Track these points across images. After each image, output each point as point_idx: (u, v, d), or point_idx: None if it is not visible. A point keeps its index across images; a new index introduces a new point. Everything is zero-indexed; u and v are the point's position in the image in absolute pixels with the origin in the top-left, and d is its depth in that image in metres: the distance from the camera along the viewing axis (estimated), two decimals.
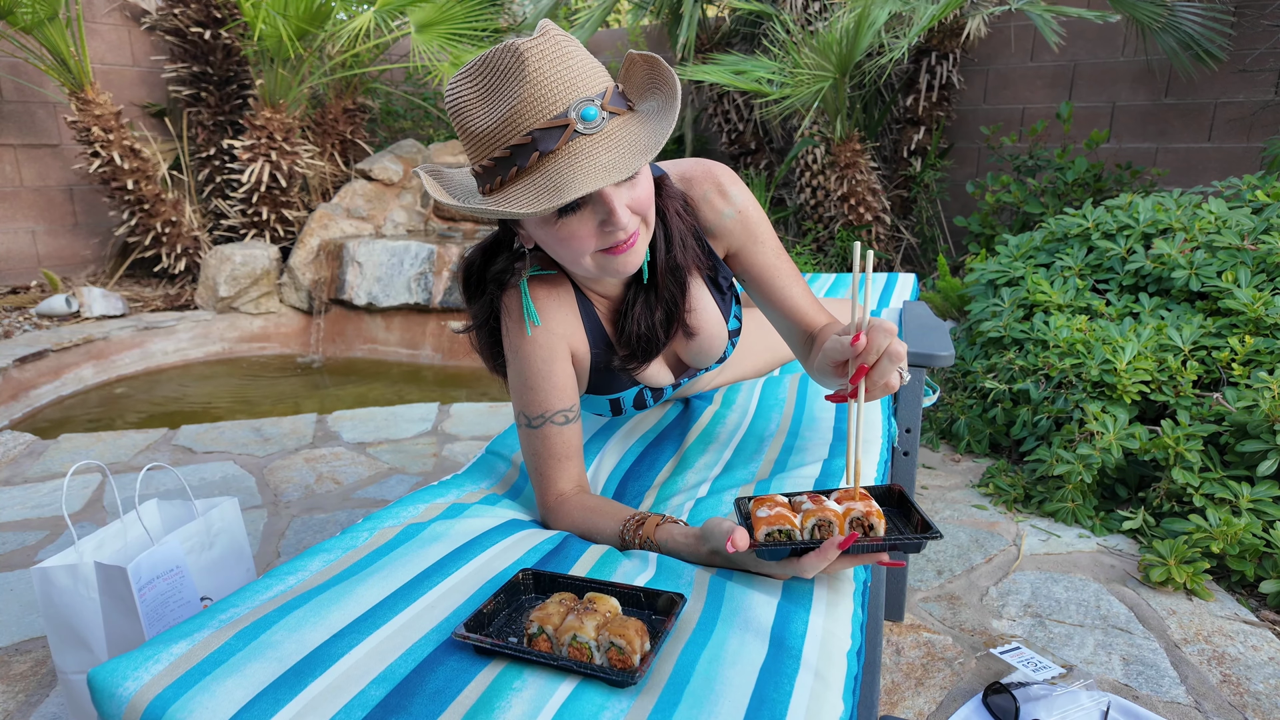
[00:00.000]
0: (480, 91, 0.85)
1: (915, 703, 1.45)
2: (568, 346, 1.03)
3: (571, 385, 1.03)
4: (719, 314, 1.12)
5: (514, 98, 0.82)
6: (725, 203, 1.06)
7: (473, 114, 0.85)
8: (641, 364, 1.08)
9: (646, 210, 0.90)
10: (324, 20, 4.15)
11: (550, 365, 1.01)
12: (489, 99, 0.84)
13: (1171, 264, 2.32)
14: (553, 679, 0.66)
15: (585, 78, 0.84)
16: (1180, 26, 3.71)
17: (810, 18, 4.25)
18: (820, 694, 0.66)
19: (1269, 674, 1.50)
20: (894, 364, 0.80)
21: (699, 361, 1.16)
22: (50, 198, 4.61)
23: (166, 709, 0.62)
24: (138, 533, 1.37)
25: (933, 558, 1.92)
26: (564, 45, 0.83)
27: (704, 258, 1.07)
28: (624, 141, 0.84)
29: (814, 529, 0.77)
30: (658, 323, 1.04)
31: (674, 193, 1.02)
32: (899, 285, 2.06)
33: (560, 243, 0.89)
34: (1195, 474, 1.89)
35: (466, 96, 0.86)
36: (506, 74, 0.83)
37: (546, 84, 0.82)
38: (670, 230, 1.00)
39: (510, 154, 0.84)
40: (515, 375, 1.02)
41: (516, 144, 0.83)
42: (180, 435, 2.74)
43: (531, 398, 1.01)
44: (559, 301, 1.02)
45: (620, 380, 1.11)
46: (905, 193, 4.57)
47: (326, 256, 4.26)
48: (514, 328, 1.01)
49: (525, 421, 1.02)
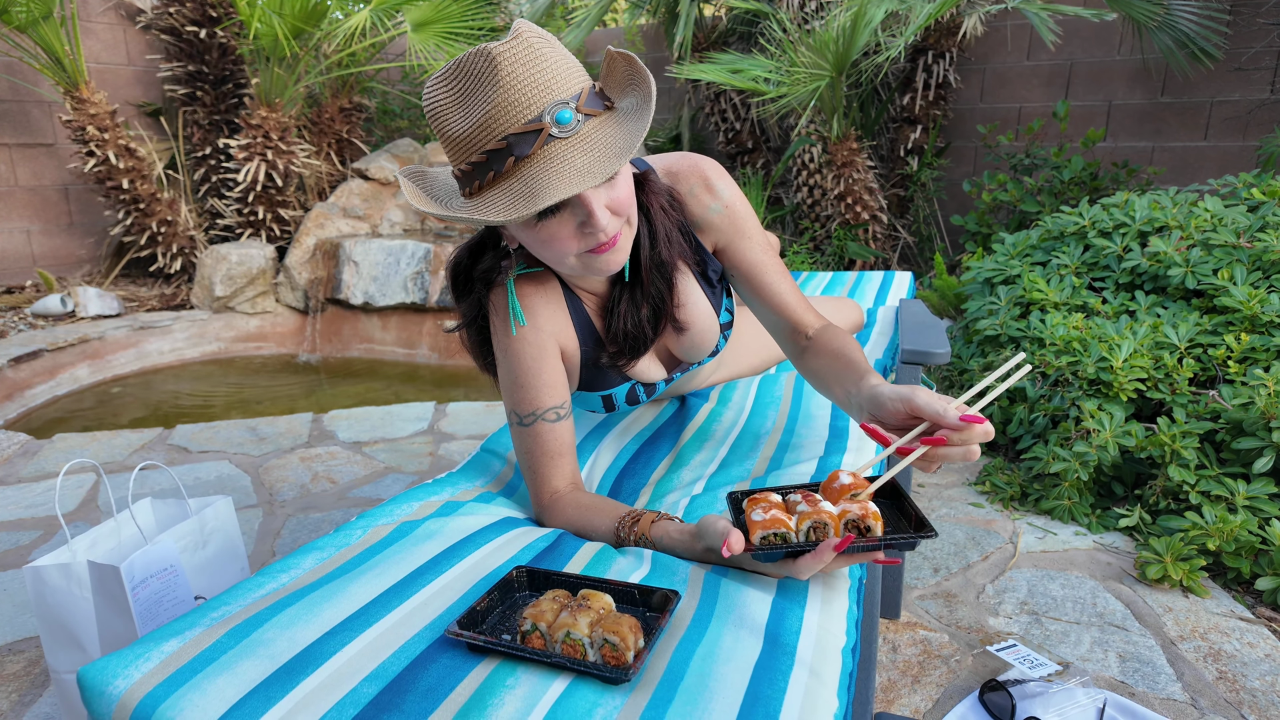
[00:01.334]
0: (455, 96, 0.84)
1: (912, 700, 1.44)
2: (557, 343, 1.03)
3: (562, 382, 1.02)
4: (709, 308, 1.12)
5: (488, 103, 0.81)
6: (712, 197, 1.06)
7: (449, 118, 0.85)
8: (630, 360, 1.07)
9: (627, 209, 0.89)
10: (320, 19, 4.14)
11: (540, 362, 1.00)
12: (464, 104, 0.84)
13: (1168, 262, 2.32)
14: (546, 676, 0.66)
15: (559, 80, 0.82)
16: (1176, 25, 3.71)
17: (807, 16, 4.25)
18: (815, 691, 0.66)
19: (1265, 670, 1.51)
20: (958, 458, 0.80)
21: (691, 356, 1.15)
22: (45, 197, 4.59)
23: (157, 707, 0.62)
24: (131, 532, 1.36)
25: (929, 555, 1.92)
26: (538, 47, 0.82)
27: (691, 252, 1.07)
28: (600, 144, 0.83)
29: (809, 531, 0.76)
30: (644, 319, 1.04)
31: (658, 188, 1.02)
32: (896, 283, 2.06)
33: (542, 245, 0.89)
34: (1191, 471, 1.89)
35: (442, 101, 0.85)
36: (479, 79, 0.82)
37: (519, 88, 0.81)
38: (654, 226, 1.00)
39: (486, 159, 0.83)
40: (505, 373, 1.02)
41: (492, 149, 0.82)
42: (175, 435, 2.73)
43: (522, 395, 1.01)
44: (547, 299, 1.02)
45: (611, 376, 1.11)
46: (902, 191, 4.57)
47: (323, 256, 4.25)
48: (502, 326, 1.01)
49: (516, 419, 1.02)
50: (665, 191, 1.03)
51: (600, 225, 0.85)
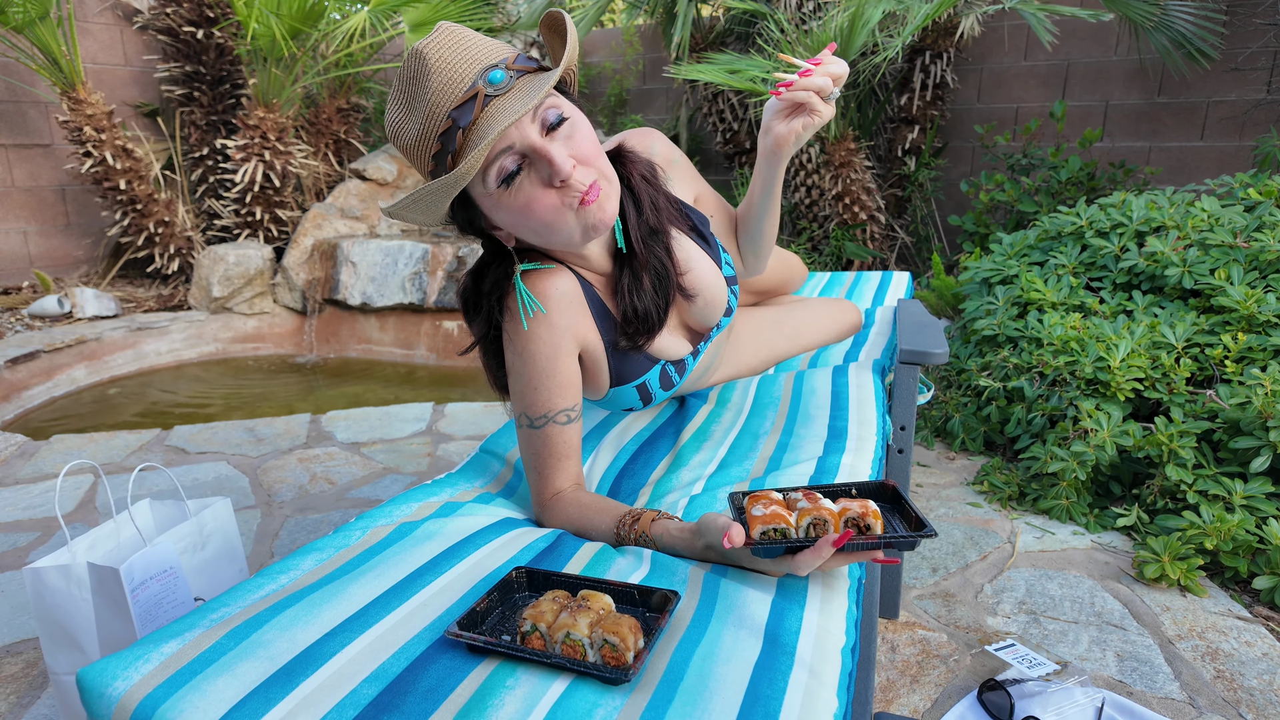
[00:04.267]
0: (404, 106, 0.88)
1: (910, 700, 1.45)
2: (574, 339, 1.02)
3: (576, 383, 1.02)
4: (712, 266, 1.14)
5: (428, 92, 0.85)
6: (670, 149, 1.16)
7: (403, 128, 0.89)
8: (648, 337, 1.07)
9: (595, 161, 0.91)
10: (317, 19, 4.14)
11: (554, 362, 1.00)
12: (410, 107, 0.88)
13: (1165, 262, 2.32)
14: (546, 677, 0.66)
15: (486, 51, 0.87)
16: (1173, 25, 3.72)
17: (804, 17, 4.25)
18: (814, 690, 0.66)
19: (1262, 669, 1.51)
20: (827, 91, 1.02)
21: (707, 320, 1.16)
22: (42, 198, 4.58)
23: (157, 708, 0.62)
24: (130, 533, 1.36)
25: (927, 555, 1.92)
26: (460, 32, 0.87)
27: (681, 214, 1.11)
28: (535, 88, 0.85)
29: (809, 528, 0.77)
30: (650, 289, 1.05)
31: (635, 159, 1.05)
32: (894, 283, 2.06)
33: (528, 214, 0.90)
34: (1189, 471, 1.90)
35: (395, 118, 0.89)
36: (416, 78, 0.86)
37: (450, 68, 0.85)
38: (638, 196, 1.02)
39: (441, 144, 0.86)
40: (517, 377, 1.01)
41: (443, 131, 0.85)
42: (173, 436, 2.73)
43: (534, 398, 1.00)
44: (559, 289, 1.01)
45: (639, 361, 1.11)
46: (899, 191, 4.57)
47: (320, 256, 4.25)
48: (515, 326, 1.00)
49: (527, 422, 1.01)
50: (644, 162, 1.06)
51: (564, 171, 0.86)
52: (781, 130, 1.07)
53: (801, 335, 1.53)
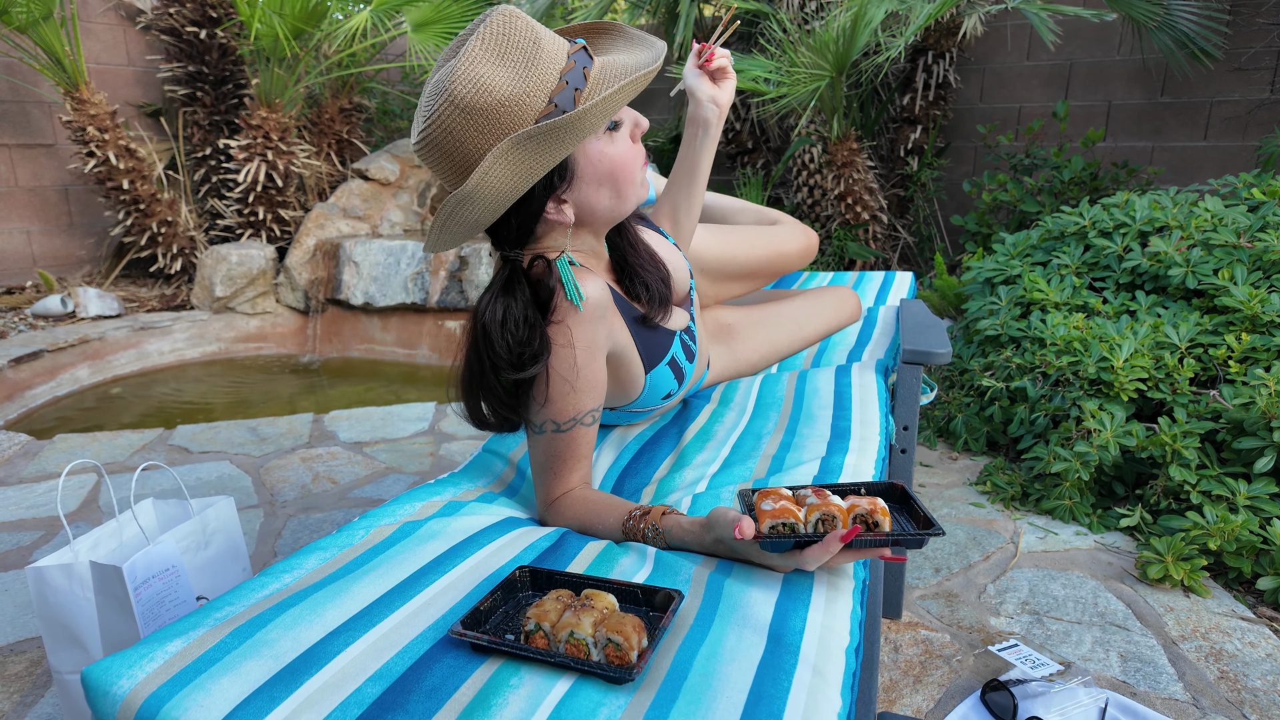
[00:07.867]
0: (501, 63, 0.90)
1: (913, 700, 1.45)
2: (608, 338, 1.03)
3: (604, 380, 1.03)
4: (659, 238, 1.25)
5: (540, 51, 0.91)
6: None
7: (499, 84, 0.90)
8: (665, 307, 1.13)
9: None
10: (320, 19, 4.14)
11: (591, 364, 0.99)
12: (516, 63, 0.90)
13: (1168, 262, 2.32)
14: (550, 676, 0.66)
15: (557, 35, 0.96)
16: (1176, 25, 3.71)
17: (807, 17, 4.25)
18: (818, 690, 0.66)
19: (1266, 670, 1.51)
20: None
21: (681, 284, 1.25)
22: (45, 198, 4.59)
23: (161, 707, 0.62)
24: (133, 532, 1.36)
25: (930, 555, 1.92)
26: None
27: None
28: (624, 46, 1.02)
29: (818, 523, 0.77)
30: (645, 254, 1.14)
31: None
32: (896, 283, 2.06)
33: (620, 164, 0.99)
34: (1192, 471, 1.90)
35: (485, 72, 0.89)
36: (525, 36, 0.91)
37: (552, 34, 0.93)
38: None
39: (566, 83, 0.91)
40: (555, 384, 0.97)
41: (567, 70, 0.91)
42: (176, 435, 2.73)
43: (565, 403, 0.98)
44: (597, 287, 1.00)
45: (660, 336, 1.13)
46: (902, 191, 4.57)
47: (323, 256, 4.25)
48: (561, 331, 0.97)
49: (553, 428, 0.98)
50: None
51: (646, 125, 1.00)
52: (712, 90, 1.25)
53: (803, 325, 1.54)
